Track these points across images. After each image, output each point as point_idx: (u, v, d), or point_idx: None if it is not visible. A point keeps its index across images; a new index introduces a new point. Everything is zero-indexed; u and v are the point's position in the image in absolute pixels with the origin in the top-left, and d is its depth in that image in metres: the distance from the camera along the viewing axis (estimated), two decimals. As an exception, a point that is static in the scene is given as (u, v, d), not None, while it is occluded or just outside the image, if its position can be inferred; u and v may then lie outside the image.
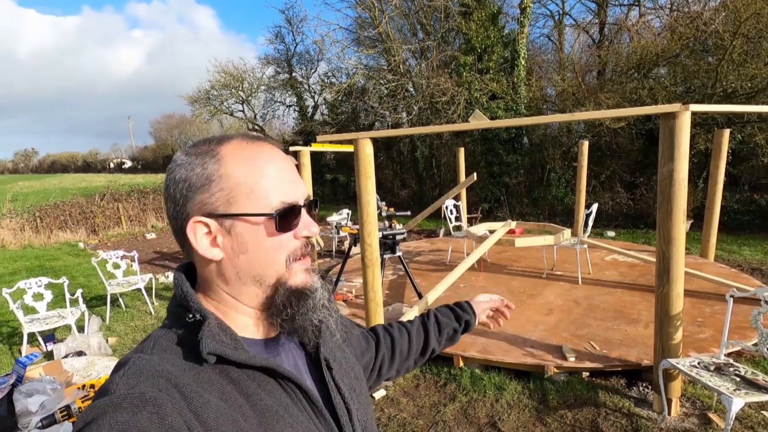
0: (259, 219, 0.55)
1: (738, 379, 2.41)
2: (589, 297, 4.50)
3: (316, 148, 5.61)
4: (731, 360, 2.64)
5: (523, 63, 10.57)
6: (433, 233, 9.19)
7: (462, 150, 7.74)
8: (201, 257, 0.57)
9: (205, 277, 0.59)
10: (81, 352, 3.82)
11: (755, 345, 2.56)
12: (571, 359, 3.19)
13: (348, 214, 8.55)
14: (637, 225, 8.68)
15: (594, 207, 5.08)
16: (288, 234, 0.57)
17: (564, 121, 9.62)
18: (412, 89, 12.95)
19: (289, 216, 0.57)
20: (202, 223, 0.55)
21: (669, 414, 2.70)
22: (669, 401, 2.70)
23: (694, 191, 8.03)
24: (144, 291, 5.15)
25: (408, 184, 14.76)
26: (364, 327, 0.93)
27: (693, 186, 8.15)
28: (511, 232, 6.08)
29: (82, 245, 10.08)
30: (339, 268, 5.32)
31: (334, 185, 17.47)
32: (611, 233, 8.14)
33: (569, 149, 10.34)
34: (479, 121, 3.01)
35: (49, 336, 4.30)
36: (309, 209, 0.61)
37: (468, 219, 7.79)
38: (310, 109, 18.32)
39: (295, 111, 18.89)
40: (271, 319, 0.59)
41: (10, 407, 1.91)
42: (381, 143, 14.53)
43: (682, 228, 2.62)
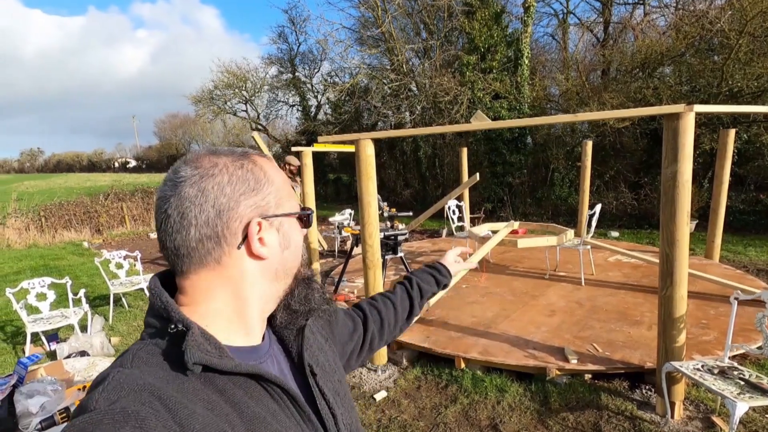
0: (294, 217, 0.63)
1: (742, 383, 2.39)
2: (592, 298, 4.47)
3: (318, 148, 5.61)
4: (735, 363, 2.61)
5: (527, 62, 10.52)
6: (436, 233, 9.16)
7: (465, 150, 7.72)
8: (245, 259, 0.58)
9: (216, 285, 0.57)
10: (84, 352, 3.84)
11: (760, 348, 2.53)
12: (573, 361, 3.17)
13: (350, 214, 8.54)
14: (642, 225, 8.62)
15: (597, 207, 5.06)
16: (304, 230, 0.67)
17: (568, 122, 9.58)
18: (415, 89, 12.93)
19: (304, 216, 0.66)
20: (259, 224, 0.58)
21: (672, 417, 2.67)
22: (672, 404, 2.68)
23: (699, 191, 7.96)
24: (147, 291, 5.17)
25: (411, 183, 14.75)
26: (346, 306, 0.97)
27: (698, 186, 8.08)
28: (514, 232, 6.05)
29: (86, 245, 10.14)
30: (341, 268, 5.32)
31: (337, 185, 17.49)
32: (615, 234, 8.09)
33: (573, 149, 10.28)
34: (481, 122, 2.99)
35: (53, 336, 4.31)
36: None
37: (471, 219, 7.77)
38: (313, 109, 18.36)
39: (298, 111, 18.94)
40: (281, 312, 0.66)
41: (10, 408, 1.92)
42: (384, 143, 14.52)
43: (685, 230, 2.60)
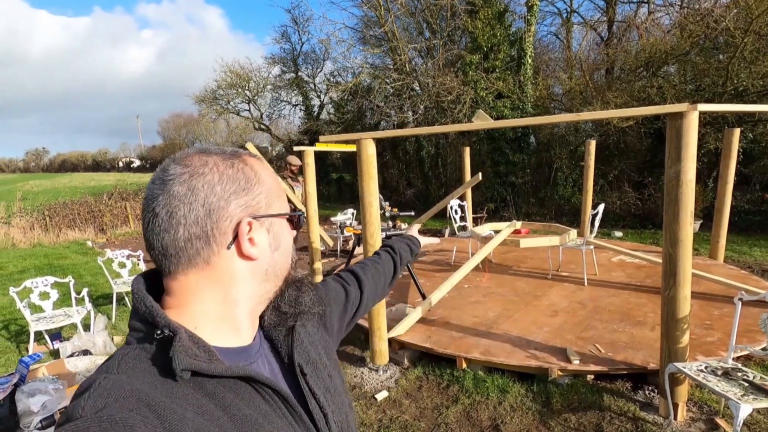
0: (284, 218, 0.63)
1: (746, 384, 2.36)
2: (595, 299, 4.45)
3: (320, 147, 5.60)
4: (739, 364, 2.59)
5: (530, 61, 10.48)
6: (439, 233, 9.15)
7: (467, 149, 7.70)
8: (235, 259, 0.57)
9: (205, 286, 0.56)
10: (87, 350, 3.86)
11: (764, 349, 2.51)
12: (576, 362, 3.16)
13: (353, 213, 8.54)
14: (645, 225, 8.57)
15: (600, 207, 5.02)
16: (294, 232, 0.66)
17: (571, 121, 9.54)
18: (417, 88, 12.91)
19: (294, 218, 0.66)
20: (249, 224, 0.57)
21: (675, 419, 2.65)
22: (675, 406, 2.66)
23: (704, 191, 7.91)
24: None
25: (414, 183, 14.73)
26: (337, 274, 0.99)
27: (703, 186, 8.02)
28: (517, 232, 6.04)
29: (90, 244, 10.18)
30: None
31: (339, 184, 17.49)
32: (619, 233, 8.05)
33: (576, 148, 10.24)
34: (482, 121, 2.98)
35: (56, 334, 4.34)
36: None
37: (473, 219, 7.75)
38: (316, 109, 18.36)
39: (301, 110, 18.94)
40: (270, 313, 0.65)
41: (12, 407, 1.93)
42: (387, 142, 14.50)
43: (689, 230, 2.58)
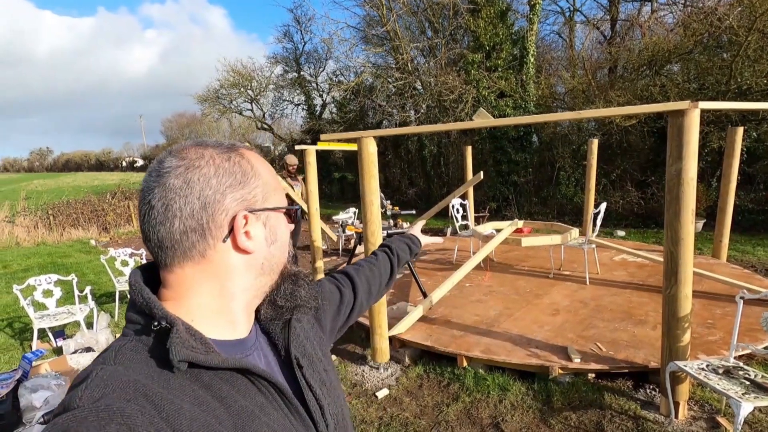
0: (281, 212, 0.62)
1: (748, 383, 2.36)
2: (597, 297, 4.44)
3: (321, 146, 5.61)
4: (741, 363, 2.58)
5: (533, 60, 10.46)
6: (440, 232, 9.15)
7: (470, 148, 7.69)
8: (231, 252, 0.57)
9: (201, 279, 0.56)
10: (89, 348, 3.88)
11: (766, 348, 2.50)
12: (577, 360, 3.15)
13: (355, 212, 8.55)
14: (648, 224, 8.54)
15: (602, 206, 5.01)
16: (291, 226, 0.66)
17: (571, 119, 9.51)
18: (420, 87, 12.91)
19: (292, 211, 0.65)
20: (245, 218, 0.57)
21: (676, 417, 2.65)
22: (676, 404, 2.65)
23: (707, 190, 7.87)
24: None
25: (416, 182, 14.72)
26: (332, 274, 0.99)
27: (706, 185, 7.99)
28: (519, 231, 6.01)
29: (93, 242, 10.23)
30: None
31: (342, 184, 17.51)
32: (621, 233, 8.03)
33: (579, 147, 10.21)
34: (483, 119, 2.97)
35: (59, 332, 4.36)
36: None
37: (475, 218, 7.74)
38: (318, 108, 18.37)
39: (304, 110, 18.96)
40: (266, 307, 0.65)
41: (15, 402, 1.95)
42: (389, 141, 14.50)
43: (690, 228, 2.57)
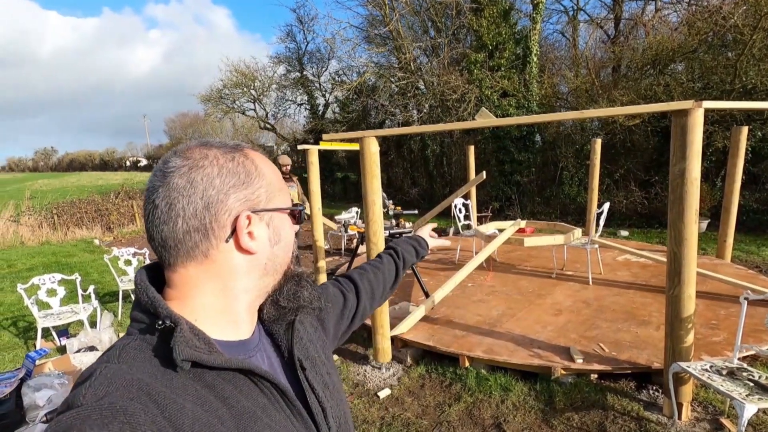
0: (286, 213, 0.62)
1: (751, 384, 2.34)
2: (600, 298, 4.42)
3: (323, 146, 5.61)
4: (745, 364, 2.56)
5: (536, 60, 10.43)
6: (443, 232, 9.13)
7: (472, 148, 7.67)
8: (234, 253, 0.57)
9: (204, 279, 0.56)
10: (93, 347, 3.90)
11: (770, 349, 2.48)
12: (579, 361, 3.14)
13: (357, 212, 8.56)
14: (652, 224, 8.50)
15: (605, 206, 4.99)
16: (296, 227, 0.66)
17: (575, 119, 9.47)
18: (422, 87, 12.89)
19: (296, 212, 0.65)
20: (248, 218, 0.57)
21: (679, 418, 2.63)
22: (680, 405, 2.64)
23: (711, 190, 7.83)
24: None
25: (418, 182, 14.71)
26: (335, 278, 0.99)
27: (711, 185, 7.94)
28: (522, 231, 6.01)
29: (97, 242, 10.28)
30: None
31: (344, 183, 17.52)
32: (625, 233, 7.99)
33: (582, 147, 10.17)
34: (485, 119, 2.97)
35: (63, 331, 4.38)
36: None
37: (478, 218, 7.73)
38: (321, 108, 18.39)
39: (306, 109, 18.99)
40: (269, 307, 0.65)
41: (18, 401, 1.96)
42: (391, 141, 14.50)
43: (694, 228, 2.55)
